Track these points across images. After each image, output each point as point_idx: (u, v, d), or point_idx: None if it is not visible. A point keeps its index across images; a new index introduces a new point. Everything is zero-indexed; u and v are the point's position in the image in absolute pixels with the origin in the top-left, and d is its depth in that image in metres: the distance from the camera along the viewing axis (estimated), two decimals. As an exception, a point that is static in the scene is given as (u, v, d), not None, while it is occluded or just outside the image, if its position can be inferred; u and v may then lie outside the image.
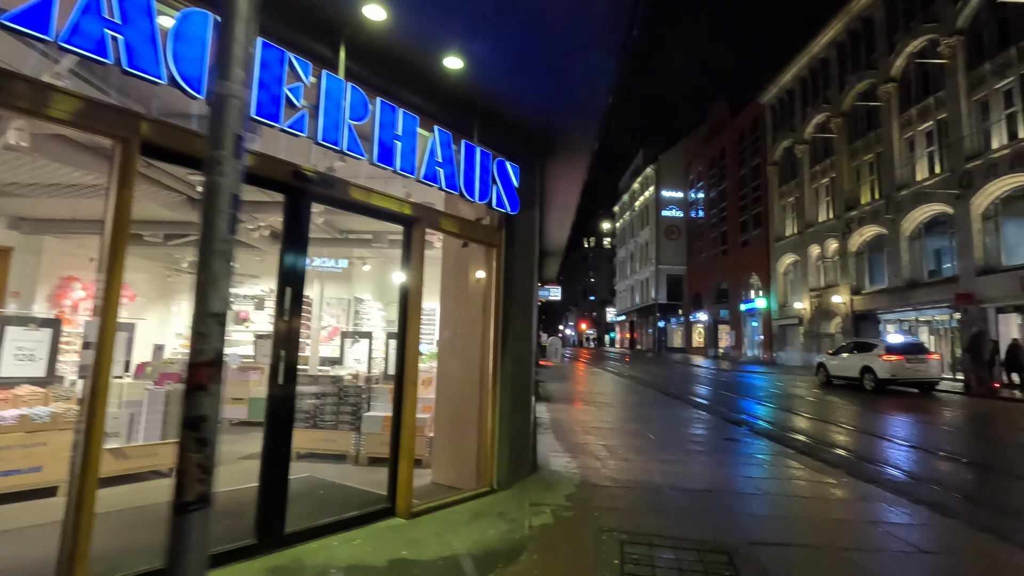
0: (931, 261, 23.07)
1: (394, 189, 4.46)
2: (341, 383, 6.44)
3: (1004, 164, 18.72)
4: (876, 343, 17.79)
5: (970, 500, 5.37)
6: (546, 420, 8.82)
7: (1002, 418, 11.37)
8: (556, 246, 10.69)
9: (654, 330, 55.55)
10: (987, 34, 19.93)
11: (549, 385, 15.39)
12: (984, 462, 7.20)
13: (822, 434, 9.23)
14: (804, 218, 31.49)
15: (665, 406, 11.52)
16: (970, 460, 7.26)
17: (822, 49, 30.09)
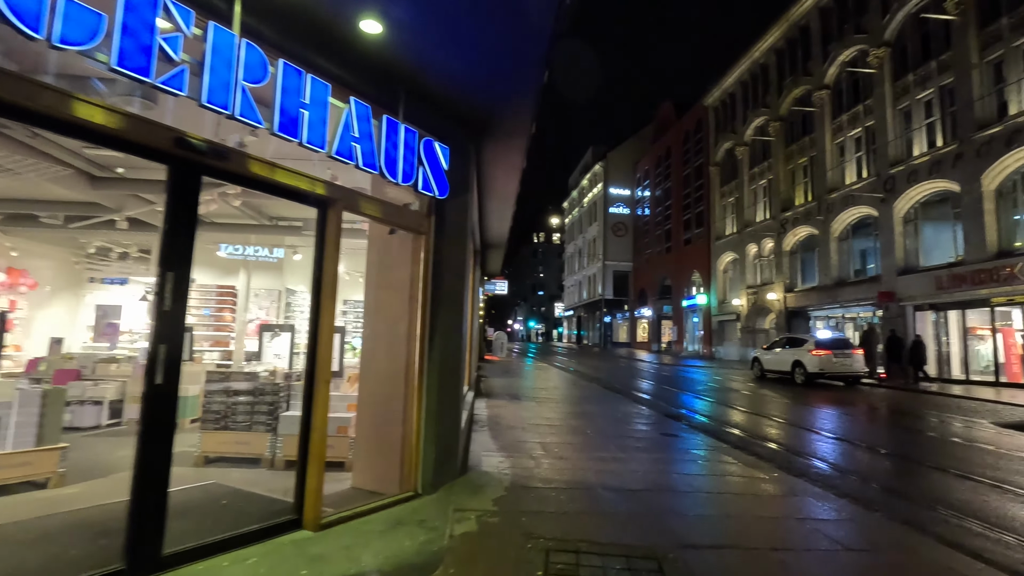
0: (857, 261, 24.34)
1: (319, 171, 4.04)
2: (256, 380, 5.92)
3: (924, 170, 19.89)
4: (807, 339, 18.53)
5: (889, 492, 5.49)
6: (484, 417, 8.54)
7: (912, 408, 12.01)
8: (498, 238, 10.41)
9: (600, 325, 56.43)
10: (911, 47, 21.09)
11: (492, 380, 15.13)
12: (899, 452, 7.47)
13: (756, 428, 9.40)
14: (743, 218, 32.60)
15: (607, 401, 11.48)
16: (887, 451, 7.52)
17: (762, 54, 31.15)
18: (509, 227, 9.72)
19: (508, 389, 13.02)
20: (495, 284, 26.04)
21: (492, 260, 13.47)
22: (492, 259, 13.23)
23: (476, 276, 11.04)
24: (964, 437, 8.68)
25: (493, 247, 11.46)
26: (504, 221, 9.05)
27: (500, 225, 9.38)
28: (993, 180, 17.42)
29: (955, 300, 18.61)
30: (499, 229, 9.67)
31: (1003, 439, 8.52)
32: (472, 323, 10.81)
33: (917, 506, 5.01)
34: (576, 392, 13.06)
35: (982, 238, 17.53)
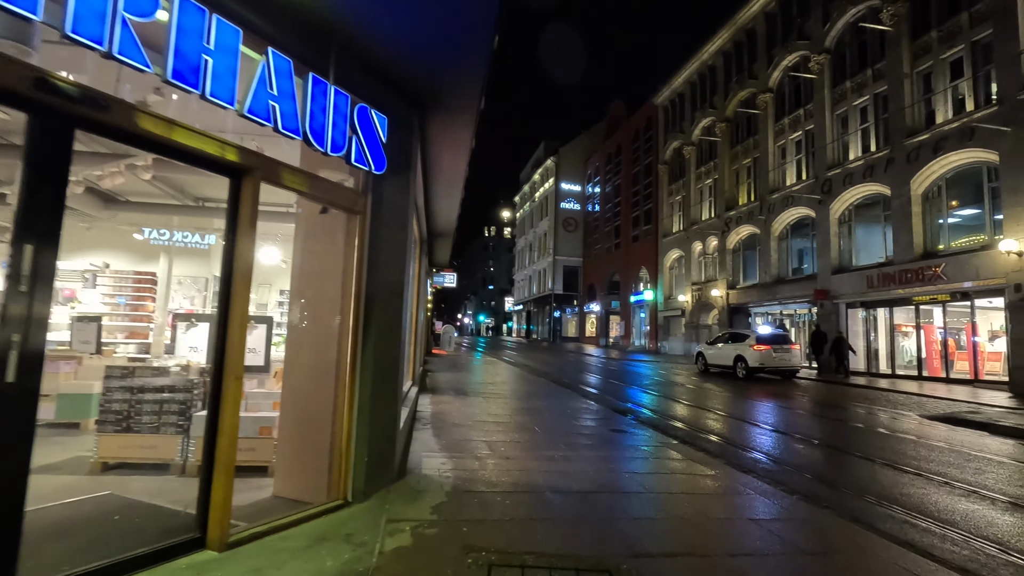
0: (795, 260, 25.29)
1: (245, 141, 3.50)
2: (167, 376, 5.25)
3: (858, 174, 20.79)
4: (748, 334, 19.03)
5: (832, 486, 5.46)
6: (427, 414, 8.10)
7: (844, 401, 12.44)
8: (446, 226, 9.96)
9: (550, 320, 56.71)
10: (849, 55, 21.98)
11: (439, 375, 14.66)
12: (837, 445, 7.58)
13: (702, 422, 9.39)
14: (689, 216, 33.33)
15: (555, 396, 11.26)
16: (827, 444, 7.62)
17: (711, 56, 31.84)
18: (457, 215, 9.28)
19: (455, 384, 12.59)
20: (443, 276, 25.48)
21: (440, 251, 12.98)
22: (440, 250, 12.74)
23: (422, 266, 10.55)
24: (896, 429, 8.96)
25: (441, 236, 10.99)
26: (452, 208, 8.60)
27: (448, 212, 8.93)
28: (921, 185, 18.38)
29: (883, 298, 19.58)
30: (447, 216, 9.22)
31: (930, 431, 8.85)
32: (417, 316, 10.32)
33: (862, 501, 4.98)
34: (525, 387, 12.79)
35: (910, 240, 18.48)
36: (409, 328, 9.84)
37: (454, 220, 9.49)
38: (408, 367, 9.98)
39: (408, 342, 10.23)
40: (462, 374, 15.55)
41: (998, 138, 15.61)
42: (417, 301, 10.33)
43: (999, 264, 15.50)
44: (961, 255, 16.83)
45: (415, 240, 9.33)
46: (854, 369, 20.89)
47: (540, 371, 19.23)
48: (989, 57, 16.57)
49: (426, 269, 13.82)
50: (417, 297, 10.33)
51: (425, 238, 10.29)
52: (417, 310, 10.35)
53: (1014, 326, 15.06)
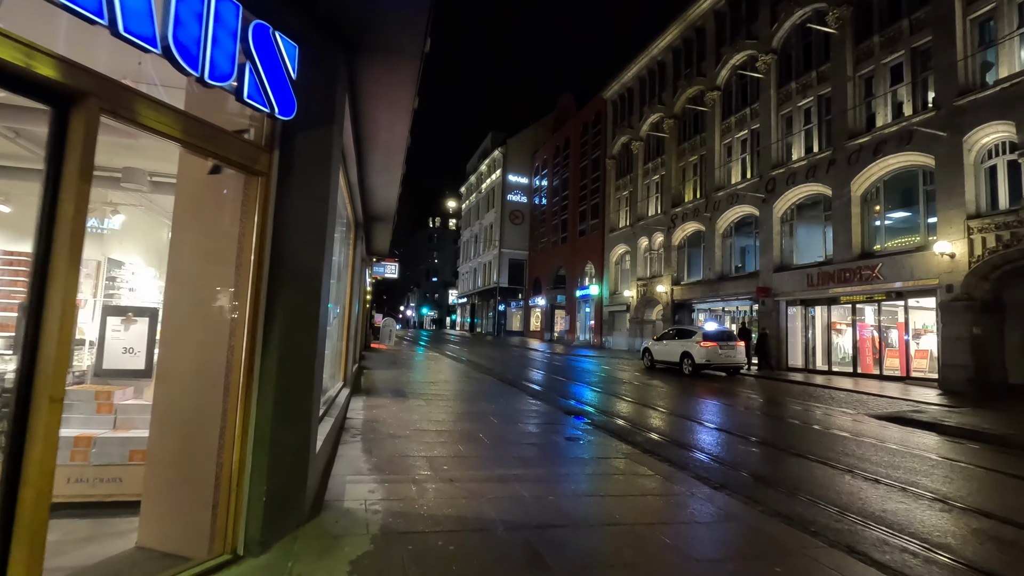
0: (738, 257, 25.63)
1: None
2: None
3: (801, 174, 21.13)
4: (695, 330, 18.93)
5: (792, 494, 4.91)
6: (359, 423, 7.05)
7: (792, 399, 12.34)
8: (385, 207, 8.87)
9: (494, 313, 55.98)
10: (795, 56, 22.29)
11: (376, 373, 13.51)
12: (813, 453, 7.16)
13: (660, 425, 8.83)
14: (636, 212, 33.36)
15: (503, 397, 10.44)
16: (801, 452, 7.19)
17: (660, 52, 31.84)
18: (398, 195, 8.23)
19: (394, 384, 11.52)
20: (384, 266, 24.10)
21: (379, 237, 11.81)
22: (379, 236, 11.58)
23: (358, 253, 9.42)
24: (848, 430, 8.72)
25: (379, 221, 9.88)
26: (391, 185, 7.55)
27: (387, 190, 7.86)
28: (861, 186, 18.81)
29: (822, 297, 20.00)
30: (386, 196, 8.14)
31: (880, 431, 8.67)
32: (351, 307, 9.19)
33: (814, 506, 4.43)
34: (470, 386, 11.89)
35: (848, 240, 18.90)
36: (340, 323, 8.71)
37: (394, 201, 8.42)
38: (340, 366, 8.85)
39: (340, 338, 9.08)
40: (402, 372, 14.45)
41: (934, 143, 16.06)
42: (351, 291, 9.20)
43: (932, 265, 15.99)
44: (897, 256, 17.30)
45: (348, 223, 8.22)
46: (792, 365, 21.34)
47: (485, 368, 18.37)
48: (928, 64, 17.04)
49: (363, 256, 12.61)
50: (351, 286, 9.21)
51: (361, 221, 9.16)
52: (351, 301, 9.22)
53: (945, 325, 15.56)
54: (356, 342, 11.92)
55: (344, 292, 9.04)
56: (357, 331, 11.23)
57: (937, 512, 4.76)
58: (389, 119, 5.35)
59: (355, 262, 9.21)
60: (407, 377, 13.01)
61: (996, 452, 7.41)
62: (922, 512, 4.74)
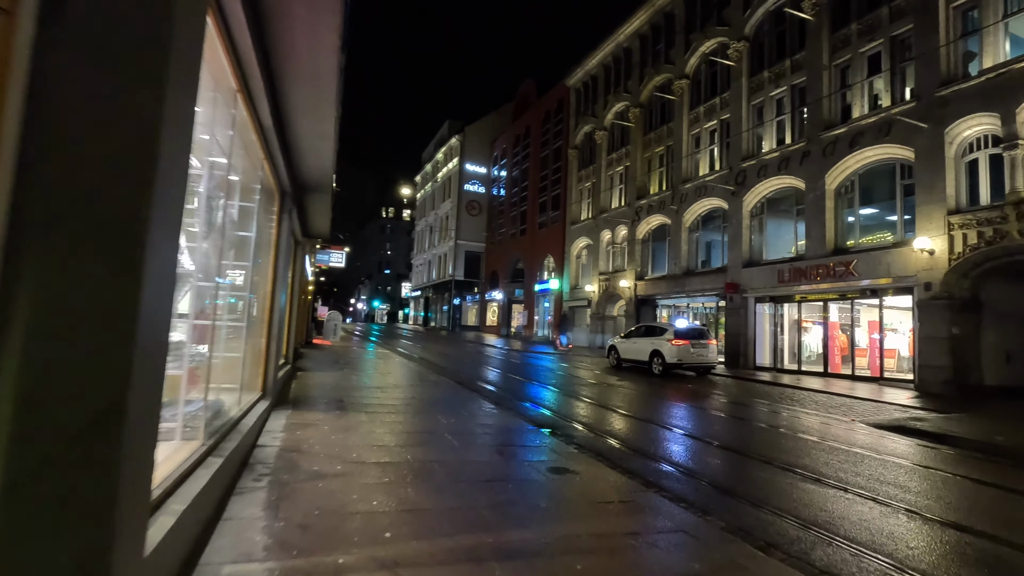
0: (705, 252, 24.83)
1: None
2: None
3: (773, 166, 20.37)
4: (665, 328, 17.82)
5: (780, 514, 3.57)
6: (272, 453, 5.24)
7: (773, 402, 11.29)
8: (319, 172, 7.03)
9: (449, 307, 54.03)
10: (768, 44, 21.50)
11: (313, 377, 11.57)
12: (828, 474, 5.89)
13: (655, 445, 7.40)
14: (599, 204, 32.24)
15: (463, 407, 8.79)
16: (810, 473, 5.90)
17: (627, 38, 30.73)
18: (334, 150, 6.44)
19: (332, 390, 9.66)
20: (329, 254, 21.90)
21: (316, 214, 9.87)
22: (315, 212, 9.64)
23: (285, 229, 7.52)
24: (849, 442, 7.58)
25: (314, 191, 8.00)
26: (324, 136, 5.73)
27: (318, 144, 6.04)
28: (835, 179, 18.14)
29: (793, 293, 19.31)
30: (318, 153, 6.32)
31: (867, 440, 7.57)
32: (274, 296, 7.29)
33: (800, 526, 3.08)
34: (423, 392, 10.17)
35: (822, 235, 18.22)
36: (260, 316, 6.84)
37: (330, 162, 6.59)
38: (259, 372, 6.99)
39: (261, 335, 7.20)
40: (345, 374, 12.55)
41: (914, 135, 15.43)
42: (275, 275, 7.31)
43: (910, 262, 15.38)
44: (873, 252, 16.68)
45: (268, 189, 6.37)
46: (760, 364, 20.63)
47: (440, 367, 16.64)
48: (908, 53, 16.44)
49: (297, 238, 10.64)
50: (275, 270, 7.31)
51: (288, 190, 7.28)
52: (275, 288, 7.33)
53: (922, 325, 14.98)
54: (283, 340, 9.96)
55: (265, 277, 7.15)
56: (283, 326, 9.31)
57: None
58: (309, 26, 3.59)
59: (281, 241, 7.32)
60: (350, 381, 11.14)
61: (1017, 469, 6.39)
62: None
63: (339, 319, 21.50)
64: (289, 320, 11.43)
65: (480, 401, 9.46)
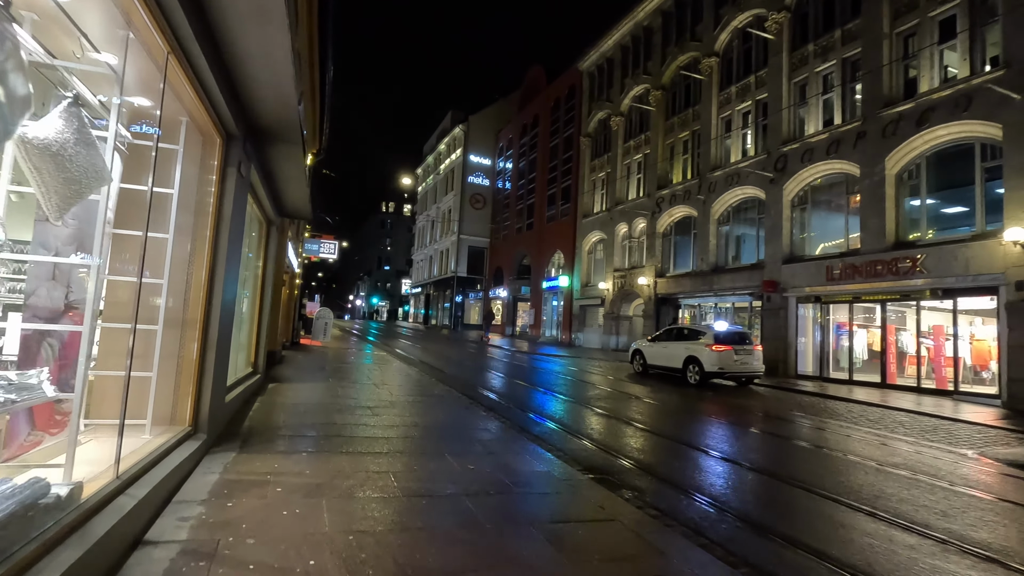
0: (735, 247, 22.56)
1: None
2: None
3: (820, 150, 18.08)
4: (702, 330, 15.56)
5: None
6: (172, 554, 2.98)
7: (858, 424, 9.04)
8: (276, 103, 4.78)
9: (451, 305, 51.76)
10: (813, 13, 19.20)
11: (289, 391, 9.32)
12: None
13: (747, 496, 5.14)
14: (614, 195, 29.96)
15: (477, 437, 6.57)
16: None
17: (647, 16, 28.41)
18: (294, 77, 4.23)
19: (308, 413, 7.41)
20: (319, 244, 19.61)
21: (287, 181, 7.52)
22: (285, 177, 7.27)
23: (236, 189, 5.23)
24: (946, 474, 5.34)
25: (276, 139, 5.69)
26: (283, 75, 3.52)
27: (268, 55, 3.82)
28: (897, 163, 15.86)
29: (844, 292, 17.03)
30: (268, 65, 4.09)
31: (956, 468, 5.33)
32: (214, 285, 5.02)
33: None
34: (427, 414, 7.91)
35: (881, 227, 15.94)
36: (185, 313, 4.62)
37: (289, 81, 4.34)
38: (187, 394, 4.77)
39: (192, 339, 4.98)
40: (331, 386, 10.29)
41: (1003, 108, 13.15)
42: (213, 257, 5.04)
43: (995, 257, 13.13)
44: (945, 246, 14.40)
45: (210, 133, 4.15)
46: (802, 372, 18.39)
47: (443, 373, 14.39)
48: (991, 13, 14.13)
49: (263, 211, 8.35)
50: (213, 248, 5.04)
51: (236, 134, 5.00)
52: (212, 276, 5.07)
53: (1012, 331, 12.73)
54: (250, 344, 7.69)
55: (200, 258, 4.90)
56: (253, 325, 7.06)
57: None
58: None
59: (226, 207, 5.05)
60: (334, 397, 8.87)
61: None
62: None
63: (330, 316, 19.23)
64: (259, 318, 9.17)
65: (503, 427, 7.20)
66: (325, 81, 15.25)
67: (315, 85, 14.39)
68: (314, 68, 13.83)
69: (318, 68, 14.27)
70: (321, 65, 14.19)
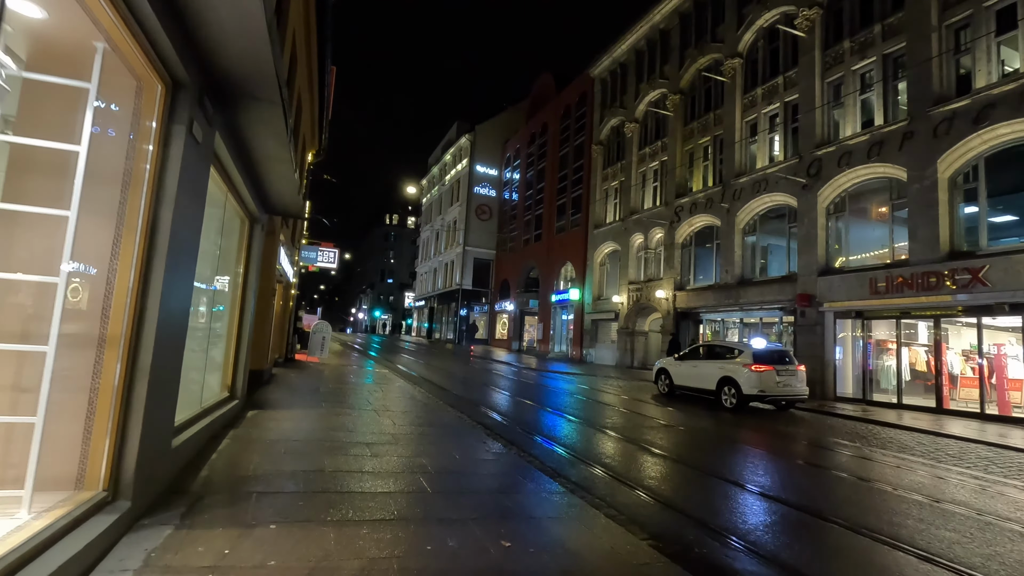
0: (763, 257, 21.11)
1: None
2: None
3: (860, 152, 16.69)
4: (738, 348, 14.07)
5: None
6: None
7: (958, 463, 7.51)
8: (249, 54, 3.44)
9: (456, 318, 50.28)
10: (849, 8, 17.95)
11: (271, 422, 7.85)
12: None
13: None
14: (629, 204, 28.60)
15: (497, 476, 5.13)
16: None
17: (664, 18, 27.30)
18: (271, 21, 2.90)
19: (287, 456, 5.95)
20: (318, 252, 18.22)
21: (268, 162, 6.10)
22: (265, 154, 5.83)
23: (185, 154, 3.82)
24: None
25: (247, 95, 4.30)
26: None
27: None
28: (951, 165, 14.45)
29: (889, 307, 15.52)
30: (237, 7, 2.76)
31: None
32: (148, 289, 3.58)
33: None
34: (434, 453, 6.43)
35: (933, 235, 14.48)
36: (98, 328, 3.16)
37: (257, 10, 3.01)
38: (102, 445, 3.29)
39: (111, 372, 3.53)
40: (324, 413, 8.81)
41: (1079, 102, 11.77)
42: (148, 250, 3.62)
43: (1075, 268, 11.65)
44: (1013, 256, 12.92)
45: (147, 74, 2.69)
46: (841, 394, 16.83)
47: (452, 395, 12.90)
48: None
49: (251, 208, 6.95)
50: (148, 235, 3.62)
51: (185, 79, 3.61)
52: (146, 277, 3.63)
53: (1099, 351, 11.19)
54: (227, 363, 6.22)
55: (128, 249, 3.49)
56: (228, 341, 5.63)
57: None
58: None
59: (168, 175, 3.64)
60: (326, 429, 7.39)
61: None
62: None
63: (328, 330, 17.78)
64: (239, 333, 7.74)
65: (528, 469, 5.71)
66: (324, 69, 13.99)
67: (313, 73, 13.11)
68: (312, 56, 12.56)
69: (316, 57, 13.01)
70: (320, 53, 12.92)
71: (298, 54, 10.71)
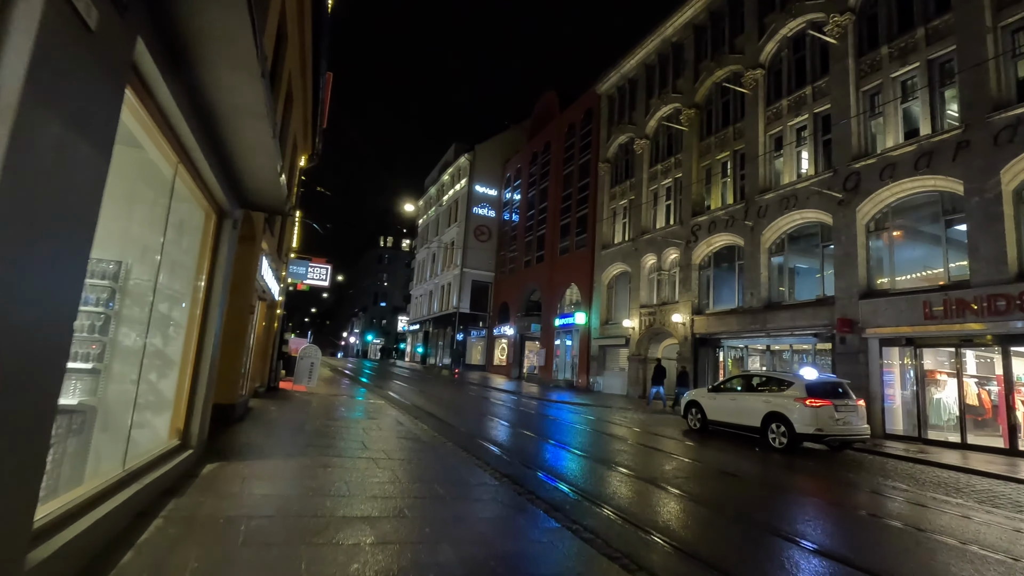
0: (791, 279, 19.54)
1: None
2: None
3: (906, 164, 15.28)
4: (787, 379, 12.35)
5: None
6: None
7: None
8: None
9: (452, 343, 48.27)
10: (885, 13, 16.78)
11: (236, 479, 5.98)
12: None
13: None
14: (639, 224, 27.13)
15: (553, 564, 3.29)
16: None
17: (676, 31, 26.27)
18: None
19: (250, 545, 4.12)
20: (308, 267, 16.44)
21: (237, 121, 4.45)
22: (231, 109, 4.22)
23: (46, 59, 2.09)
24: None
25: (226, 62, 2.77)
26: None
27: None
28: (1016, 176, 13.04)
29: (949, 334, 13.90)
30: None
31: None
32: None
33: None
34: (459, 538, 4.61)
35: (999, 253, 12.96)
36: None
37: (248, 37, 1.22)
38: None
39: None
40: (306, 464, 6.93)
41: None
42: None
43: None
44: (1100, 275, 11.39)
45: None
46: (891, 431, 15.06)
47: (456, 432, 10.99)
48: None
49: (217, 196, 5.21)
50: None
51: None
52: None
53: None
54: (178, 406, 4.38)
55: None
56: (209, 371, 3.85)
57: None
58: None
59: (95, 123, 1.89)
60: (307, 493, 5.53)
61: None
62: None
63: (317, 356, 15.89)
64: (197, 358, 5.92)
65: (582, 549, 3.89)
66: (319, 71, 12.46)
67: (307, 65, 11.54)
68: (305, 45, 11.01)
69: (311, 50, 11.47)
70: (315, 44, 11.38)
71: (289, 32, 9.13)
